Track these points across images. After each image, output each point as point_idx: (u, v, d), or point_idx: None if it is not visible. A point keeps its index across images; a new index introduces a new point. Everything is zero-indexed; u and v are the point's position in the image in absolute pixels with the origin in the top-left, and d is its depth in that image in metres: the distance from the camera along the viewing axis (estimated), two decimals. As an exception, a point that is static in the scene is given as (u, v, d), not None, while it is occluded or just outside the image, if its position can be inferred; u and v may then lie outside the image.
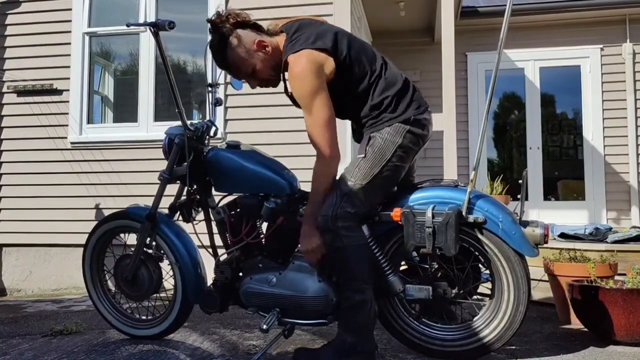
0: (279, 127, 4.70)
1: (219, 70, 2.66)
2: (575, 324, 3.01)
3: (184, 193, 2.72)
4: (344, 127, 4.48)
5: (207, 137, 2.69)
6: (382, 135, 2.27)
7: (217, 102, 2.71)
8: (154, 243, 2.73)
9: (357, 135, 2.45)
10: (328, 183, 2.26)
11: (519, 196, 2.37)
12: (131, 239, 2.91)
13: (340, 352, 2.22)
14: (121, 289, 2.77)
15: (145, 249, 2.72)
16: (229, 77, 2.70)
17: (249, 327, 3.08)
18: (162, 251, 2.74)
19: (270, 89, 5.03)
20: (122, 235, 2.97)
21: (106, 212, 4.64)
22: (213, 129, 2.71)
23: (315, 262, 2.29)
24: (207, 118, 2.75)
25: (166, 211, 2.74)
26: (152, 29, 2.52)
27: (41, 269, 5.08)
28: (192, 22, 5.04)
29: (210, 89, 2.71)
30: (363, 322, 2.22)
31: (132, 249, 2.74)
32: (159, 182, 2.67)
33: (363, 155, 2.27)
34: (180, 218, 2.73)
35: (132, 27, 5.08)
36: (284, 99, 5.20)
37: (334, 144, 2.24)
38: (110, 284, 2.97)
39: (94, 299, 2.93)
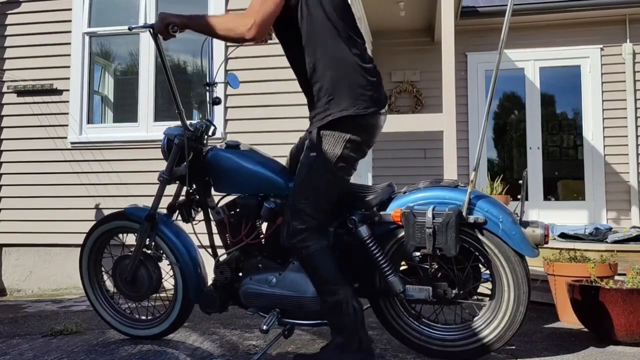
0: (278, 127, 4.70)
1: (216, 69, 2.67)
2: (575, 323, 3.01)
3: (183, 193, 2.72)
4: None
5: (206, 136, 2.68)
6: (322, 146, 2.23)
7: (215, 101, 2.70)
8: (153, 243, 2.73)
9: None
10: (221, 33, 2.21)
11: (519, 196, 2.37)
12: (129, 239, 2.91)
13: (335, 353, 2.23)
14: (120, 290, 2.77)
15: (144, 249, 2.72)
16: (225, 76, 2.70)
17: (249, 327, 3.08)
18: (160, 251, 2.74)
19: (269, 89, 5.03)
20: (118, 235, 2.96)
21: (106, 212, 4.63)
22: (212, 128, 2.70)
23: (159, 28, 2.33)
24: (206, 118, 2.75)
25: (164, 211, 2.74)
26: (152, 31, 2.51)
27: (41, 269, 5.07)
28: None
29: (208, 88, 2.70)
30: (344, 321, 2.22)
31: (131, 249, 2.74)
32: (158, 182, 2.67)
33: (315, 154, 2.24)
34: (179, 218, 2.73)
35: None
36: (284, 99, 5.22)
37: (260, 15, 2.14)
38: (109, 285, 2.97)
39: (92, 299, 2.92)
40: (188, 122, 2.65)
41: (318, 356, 2.28)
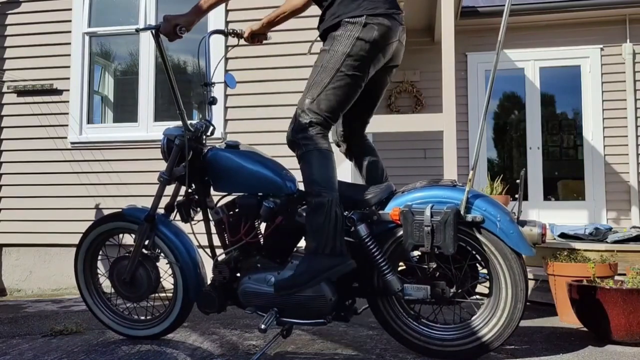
0: (278, 127, 4.68)
1: (213, 68, 2.67)
2: (575, 323, 3.01)
3: (181, 193, 2.71)
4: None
5: (204, 136, 2.68)
6: (332, 46, 2.28)
7: (212, 101, 2.70)
8: (152, 244, 2.72)
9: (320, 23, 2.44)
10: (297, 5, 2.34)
11: (516, 195, 2.37)
12: (124, 239, 2.90)
13: (307, 258, 2.26)
14: (118, 291, 2.74)
15: (142, 249, 2.71)
16: (223, 76, 2.70)
17: (248, 327, 3.08)
18: (158, 250, 2.73)
19: (269, 89, 5.05)
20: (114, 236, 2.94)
21: (106, 212, 4.64)
22: (210, 128, 2.70)
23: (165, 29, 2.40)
24: (205, 118, 2.74)
25: (162, 211, 2.73)
26: (153, 33, 2.51)
27: (41, 269, 5.08)
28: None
29: (206, 87, 2.70)
30: (322, 224, 2.21)
31: (128, 250, 2.73)
32: (158, 183, 2.66)
33: (325, 54, 2.30)
34: (177, 217, 2.72)
35: (132, 27, 5.09)
36: (284, 99, 5.24)
37: None
38: (105, 287, 2.94)
39: (89, 302, 2.89)
40: (188, 122, 2.65)
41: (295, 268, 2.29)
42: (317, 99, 2.29)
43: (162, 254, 2.73)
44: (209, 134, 2.69)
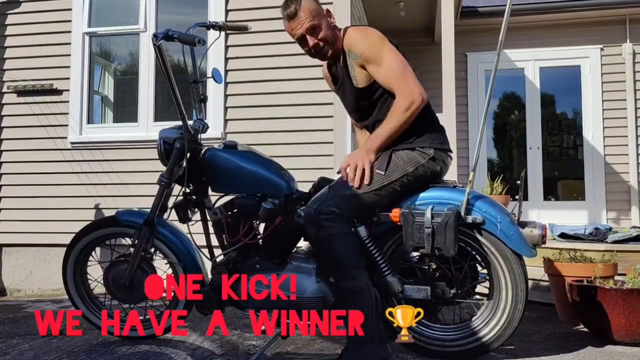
0: (278, 128, 4.70)
1: (198, 66, 2.65)
2: (575, 323, 3.01)
3: (174, 193, 2.68)
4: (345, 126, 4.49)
5: (200, 136, 2.66)
6: (396, 159, 2.31)
7: (203, 99, 2.68)
8: (150, 246, 2.70)
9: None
10: (405, 119, 2.28)
11: (517, 197, 2.37)
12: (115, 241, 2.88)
13: (353, 346, 2.18)
14: (115, 296, 2.71)
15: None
16: (210, 72, 2.68)
17: (248, 327, 3.08)
18: (153, 250, 2.71)
19: (269, 89, 5.04)
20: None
21: (106, 212, 4.64)
22: (205, 127, 2.68)
23: (347, 175, 2.29)
24: (197, 117, 2.69)
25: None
26: (154, 40, 2.49)
27: (41, 269, 5.08)
28: (192, 23, 5.04)
29: (194, 85, 2.67)
30: (365, 309, 2.17)
31: (118, 252, 2.72)
32: (158, 185, 2.64)
33: (382, 173, 2.29)
34: (172, 217, 2.71)
35: (132, 28, 5.09)
36: (284, 99, 5.22)
37: (415, 80, 2.31)
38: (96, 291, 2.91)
39: (83, 310, 2.85)
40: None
41: (342, 356, 2.22)
42: (356, 196, 2.26)
43: (157, 254, 2.72)
44: (204, 132, 2.67)
